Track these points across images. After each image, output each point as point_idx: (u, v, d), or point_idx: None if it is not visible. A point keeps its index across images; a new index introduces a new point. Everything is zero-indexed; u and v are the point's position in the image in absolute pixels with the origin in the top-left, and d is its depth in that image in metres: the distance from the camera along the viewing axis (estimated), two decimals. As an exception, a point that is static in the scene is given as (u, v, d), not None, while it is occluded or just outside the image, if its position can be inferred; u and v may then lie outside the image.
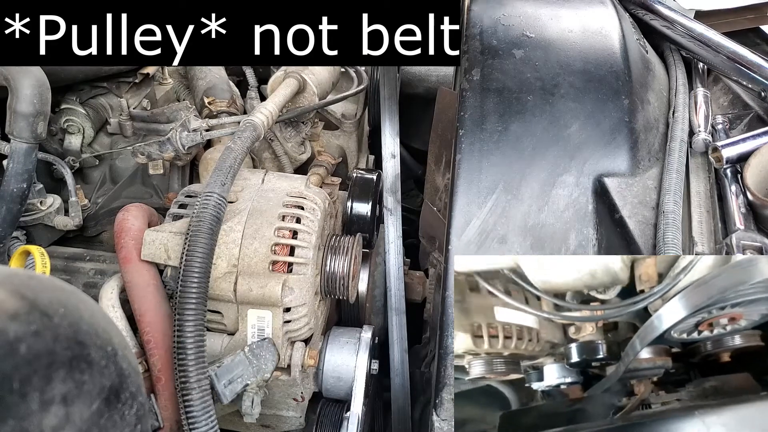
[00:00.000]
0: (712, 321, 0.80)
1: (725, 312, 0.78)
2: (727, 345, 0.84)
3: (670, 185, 0.82)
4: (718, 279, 0.74)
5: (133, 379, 0.53)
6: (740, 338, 0.84)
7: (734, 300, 0.75)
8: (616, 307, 0.80)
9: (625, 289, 0.81)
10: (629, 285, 0.81)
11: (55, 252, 1.12)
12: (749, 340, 0.84)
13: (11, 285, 0.47)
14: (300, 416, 1.04)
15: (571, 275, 0.79)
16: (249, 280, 0.90)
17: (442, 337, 0.81)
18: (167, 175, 1.31)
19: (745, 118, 0.92)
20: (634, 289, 0.81)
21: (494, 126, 0.86)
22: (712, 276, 0.75)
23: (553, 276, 0.80)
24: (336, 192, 1.26)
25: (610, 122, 0.86)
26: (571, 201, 0.82)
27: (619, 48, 0.93)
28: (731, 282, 0.73)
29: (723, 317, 0.79)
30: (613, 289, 0.81)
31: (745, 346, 0.84)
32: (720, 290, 0.73)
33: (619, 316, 0.83)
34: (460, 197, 0.83)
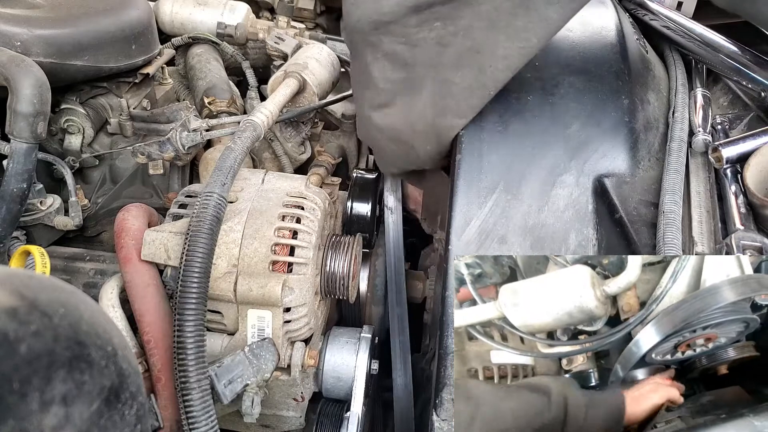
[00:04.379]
0: (689, 342, 0.81)
1: (698, 334, 0.79)
2: (723, 358, 0.85)
3: (670, 185, 0.82)
4: (679, 309, 0.77)
5: (133, 379, 0.53)
6: (734, 350, 0.85)
7: (702, 324, 0.77)
8: (599, 339, 0.82)
9: (612, 318, 0.83)
10: (615, 314, 0.83)
11: (55, 252, 1.12)
12: (743, 351, 0.85)
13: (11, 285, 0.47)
14: (300, 416, 1.04)
15: (550, 319, 0.81)
16: (249, 280, 0.90)
17: (442, 337, 0.81)
18: (167, 175, 1.31)
19: (745, 118, 0.91)
20: (619, 318, 0.83)
21: (494, 126, 0.86)
22: (676, 305, 0.77)
23: (535, 322, 0.82)
24: (336, 192, 1.26)
25: (610, 122, 0.86)
26: (571, 201, 0.82)
27: (618, 48, 0.93)
28: (692, 311, 0.76)
29: (698, 338, 0.81)
30: (599, 321, 0.82)
31: (740, 357, 0.84)
32: (682, 319, 0.76)
33: (606, 346, 0.85)
34: (460, 197, 0.83)
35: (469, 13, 0.73)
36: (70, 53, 1.12)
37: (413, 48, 0.76)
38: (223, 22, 1.53)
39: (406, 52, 0.77)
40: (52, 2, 1.20)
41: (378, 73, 0.81)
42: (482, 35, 0.74)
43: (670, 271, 0.79)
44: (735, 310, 0.77)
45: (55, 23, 1.12)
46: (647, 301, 0.81)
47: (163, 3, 1.54)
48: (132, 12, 1.26)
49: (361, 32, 0.78)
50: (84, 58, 1.15)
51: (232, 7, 1.56)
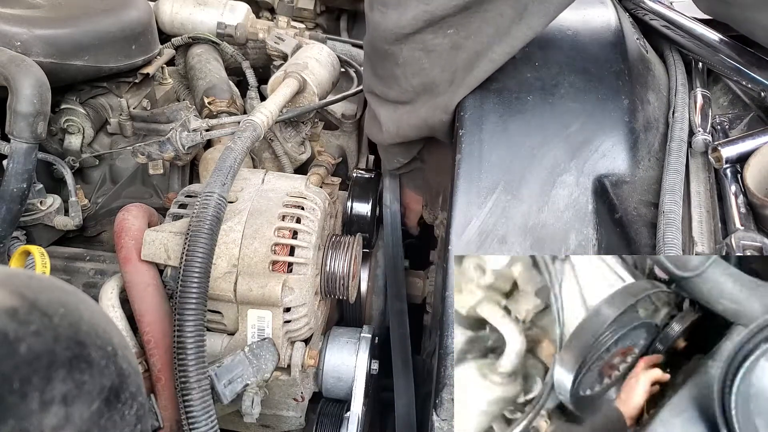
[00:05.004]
0: (609, 364, 0.80)
1: (612, 352, 0.79)
2: (672, 335, 0.83)
3: (669, 185, 0.82)
4: (573, 344, 0.76)
5: (133, 379, 0.53)
6: (678, 323, 0.83)
7: (605, 347, 0.77)
8: (535, 407, 0.81)
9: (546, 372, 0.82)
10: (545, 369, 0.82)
11: (55, 252, 1.12)
12: (686, 320, 0.83)
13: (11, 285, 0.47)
14: (300, 416, 1.05)
15: (479, 421, 0.80)
16: (249, 280, 0.90)
17: (442, 337, 0.81)
18: (167, 175, 1.31)
19: (745, 118, 0.91)
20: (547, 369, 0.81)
21: (494, 126, 0.86)
22: (569, 341, 0.77)
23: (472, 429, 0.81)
24: (336, 192, 1.26)
25: (610, 122, 0.86)
26: (571, 201, 0.82)
27: (618, 48, 0.93)
28: (585, 341, 0.75)
29: (615, 358, 0.80)
30: (535, 384, 0.81)
31: (687, 326, 0.82)
32: (581, 352, 0.75)
33: (552, 401, 0.83)
34: (460, 197, 0.83)
35: (478, 18, 0.82)
36: (70, 53, 1.12)
37: (429, 53, 0.86)
38: (223, 22, 1.53)
39: (423, 58, 0.86)
40: (52, 2, 1.20)
41: (401, 75, 0.91)
42: (490, 40, 0.84)
43: (554, 307, 0.79)
44: (625, 321, 0.76)
45: (55, 23, 1.12)
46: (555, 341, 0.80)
47: (163, 3, 1.54)
48: (132, 12, 1.26)
49: (385, 42, 0.87)
50: (84, 58, 1.15)
51: (232, 7, 1.56)
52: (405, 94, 0.94)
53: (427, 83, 0.90)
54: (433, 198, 1.31)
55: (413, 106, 0.96)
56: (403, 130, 1.01)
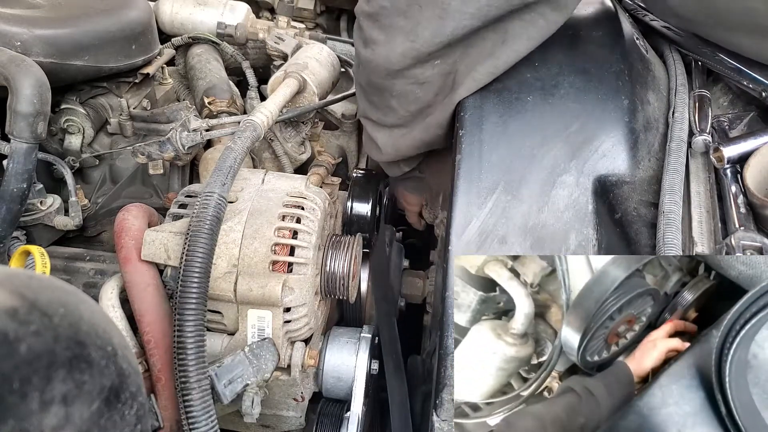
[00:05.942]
0: (616, 332, 0.81)
1: (617, 320, 0.79)
2: (683, 304, 0.84)
3: (669, 185, 0.82)
4: (580, 304, 0.77)
5: (133, 379, 0.53)
6: (690, 292, 0.84)
7: (611, 309, 0.77)
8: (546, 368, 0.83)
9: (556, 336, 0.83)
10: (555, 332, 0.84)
11: (55, 252, 1.12)
12: (699, 287, 0.83)
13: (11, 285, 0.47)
14: (300, 416, 1.05)
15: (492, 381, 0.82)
16: (249, 280, 0.90)
17: (442, 338, 0.81)
18: (167, 175, 1.31)
19: (745, 118, 0.91)
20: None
21: (494, 126, 0.86)
22: (576, 302, 0.78)
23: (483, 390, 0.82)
24: (336, 192, 1.26)
25: (610, 122, 0.86)
26: (571, 201, 0.82)
27: (618, 48, 0.93)
28: (592, 301, 0.76)
29: (620, 325, 0.80)
30: (546, 347, 0.83)
31: (700, 294, 0.83)
32: (587, 312, 0.76)
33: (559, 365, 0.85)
34: (460, 197, 0.83)
35: (462, 47, 0.85)
36: (70, 53, 1.12)
37: (422, 85, 0.89)
38: (223, 22, 1.53)
39: (416, 89, 0.90)
40: (52, 2, 1.20)
41: (397, 106, 0.95)
42: (473, 60, 0.87)
43: (559, 271, 0.80)
44: (632, 286, 0.77)
45: (55, 23, 1.12)
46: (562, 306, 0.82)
47: (163, 3, 1.54)
48: (132, 12, 1.26)
49: (377, 77, 0.91)
50: (84, 58, 1.15)
51: (232, 7, 1.56)
52: (401, 120, 0.98)
53: (422, 108, 0.94)
54: (433, 198, 1.31)
55: (409, 129, 0.99)
56: (402, 151, 1.05)
